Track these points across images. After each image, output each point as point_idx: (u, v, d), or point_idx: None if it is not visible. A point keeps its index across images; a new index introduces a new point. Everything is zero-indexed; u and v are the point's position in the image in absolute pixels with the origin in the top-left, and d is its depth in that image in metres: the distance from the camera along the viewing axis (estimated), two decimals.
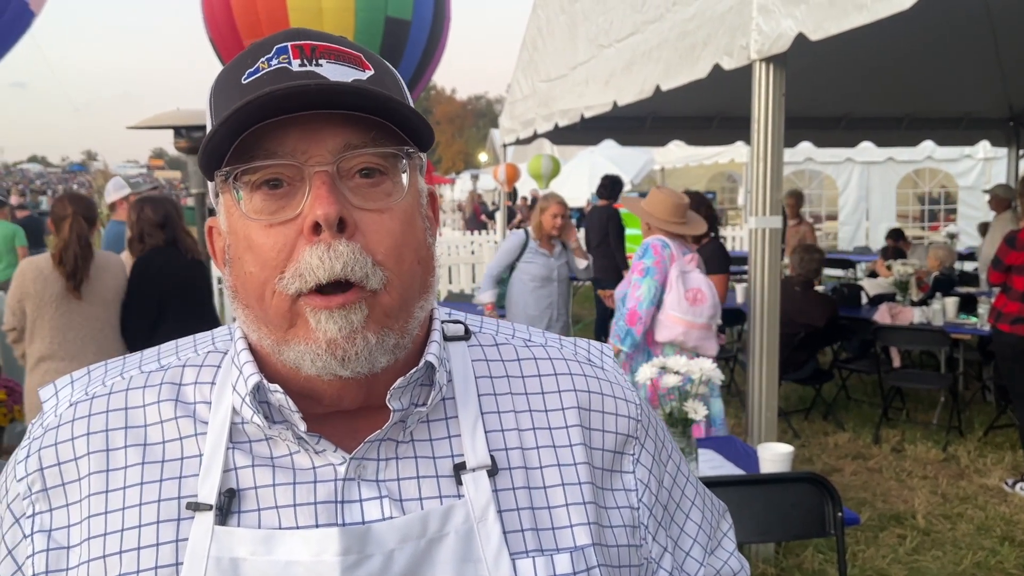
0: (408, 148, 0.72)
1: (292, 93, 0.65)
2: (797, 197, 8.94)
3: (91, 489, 0.73)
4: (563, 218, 5.08)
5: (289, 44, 0.71)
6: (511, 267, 5.15)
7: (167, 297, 3.80)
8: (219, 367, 0.78)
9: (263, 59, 0.70)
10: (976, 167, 13.24)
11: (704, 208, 5.02)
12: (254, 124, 0.67)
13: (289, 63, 0.69)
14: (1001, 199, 7.69)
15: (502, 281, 5.23)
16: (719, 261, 4.94)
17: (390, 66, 0.77)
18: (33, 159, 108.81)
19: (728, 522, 0.96)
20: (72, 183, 50.67)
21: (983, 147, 11.82)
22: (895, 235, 8.90)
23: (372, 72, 0.72)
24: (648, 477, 0.84)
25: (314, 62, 0.70)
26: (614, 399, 0.84)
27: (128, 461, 0.74)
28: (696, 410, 2.74)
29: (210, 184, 0.75)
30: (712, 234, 5.13)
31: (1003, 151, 9.56)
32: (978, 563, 3.87)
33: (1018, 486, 4.67)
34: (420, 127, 0.72)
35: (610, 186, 7.70)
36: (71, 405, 0.77)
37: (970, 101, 7.88)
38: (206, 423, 0.75)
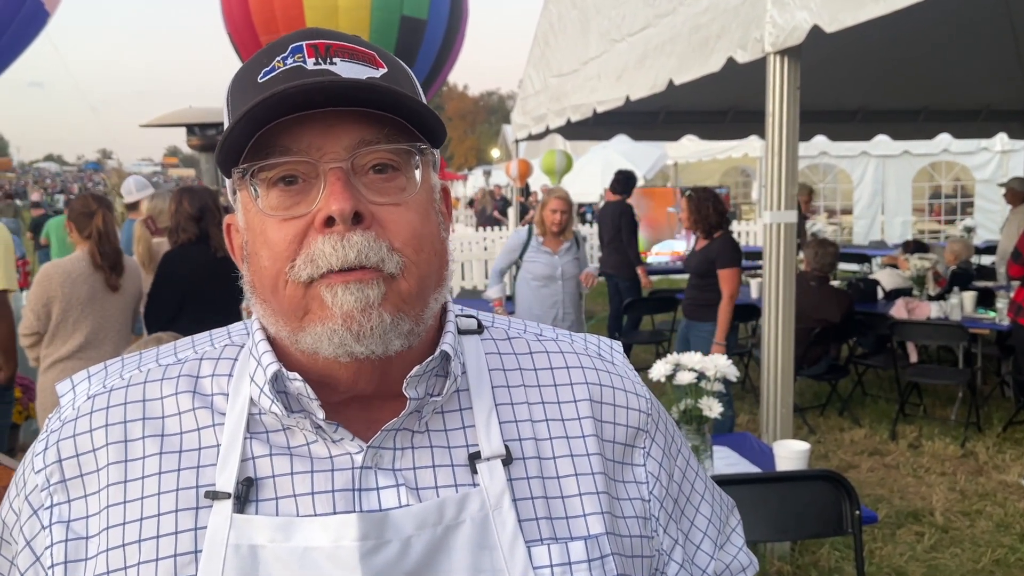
0: (421, 144, 0.73)
1: (307, 90, 0.66)
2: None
3: (109, 479, 0.73)
4: (563, 213, 4.94)
5: (304, 43, 0.72)
6: (517, 265, 5.12)
7: (187, 296, 3.82)
8: (236, 360, 0.79)
9: (278, 58, 0.72)
10: (993, 160, 13.08)
11: (714, 204, 4.98)
12: (269, 121, 0.68)
13: (304, 62, 0.71)
14: (1017, 192, 7.61)
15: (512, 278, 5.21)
16: (731, 255, 4.90)
17: (403, 64, 0.78)
18: (49, 158, 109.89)
19: (736, 518, 0.97)
20: (87, 181, 51.10)
21: (1000, 140, 11.68)
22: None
23: (385, 70, 0.74)
24: (659, 470, 0.85)
25: (328, 60, 0.71)
26: (624, 393, 0.86)
27: (146, 451, 0.74)
28: (711, 407, 2.72)
29: (228, 181, 0.76)
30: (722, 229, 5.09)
31: (1021, 143, 9.46)
32: (997, 560, 3.83)
33: None
34: (433, 124, 0.73)
35: (623, 181, 7.68)
36: (89, 398, 0.78)
37: (988, 93, 7.79)
38: (223, 414, 0.76)
